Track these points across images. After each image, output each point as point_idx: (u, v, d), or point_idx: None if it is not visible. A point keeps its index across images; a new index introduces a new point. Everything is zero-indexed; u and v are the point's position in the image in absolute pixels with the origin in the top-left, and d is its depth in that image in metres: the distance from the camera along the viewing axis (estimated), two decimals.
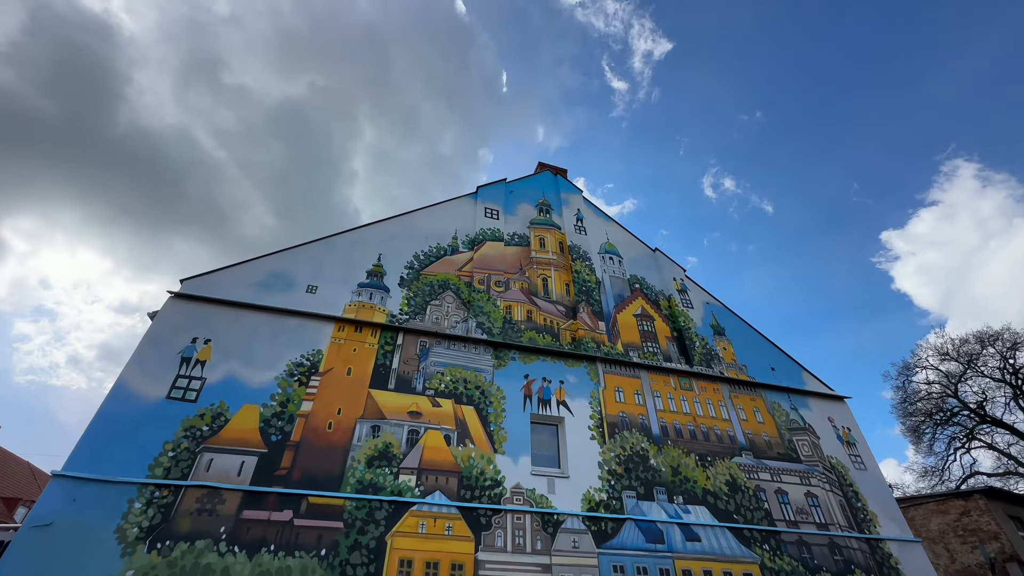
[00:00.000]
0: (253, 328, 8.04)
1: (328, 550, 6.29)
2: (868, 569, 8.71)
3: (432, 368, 8.59)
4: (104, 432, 6.37)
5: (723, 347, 11.55)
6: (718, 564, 7.84)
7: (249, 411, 7.16)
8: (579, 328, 10.35)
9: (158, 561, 5.70)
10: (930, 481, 25.07)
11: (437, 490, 7.22)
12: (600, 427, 8.92)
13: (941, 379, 26.12)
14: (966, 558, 14.88)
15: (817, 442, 10.42)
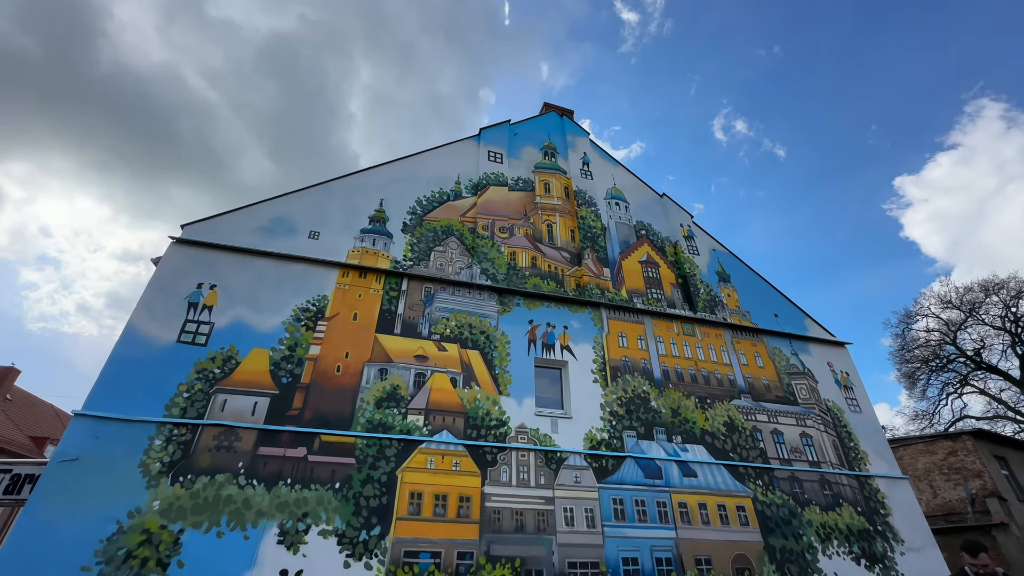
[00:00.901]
0: (258, 274, 8.03)
1: (342, 484, 6.61)
2: (855, 503, 9.16)
3: (437, 314, 8.65)
4: (119, 374, 6.53)
5: (727, 294, 11.55)
6: (713, 498, 8.24)
7: (259, 355, 7.30)
8: (584, 275, 10.31)
9: (182, 493, 6.02)
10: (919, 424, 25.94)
11: (444, 429, 7.48)
12: (603, 371, 9.10)
13: (941, 327, 26.35)
14: (948, 494, 15.63)
15: (815, 386, 10.64)
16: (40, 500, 5.54)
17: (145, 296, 7.25)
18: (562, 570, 6.84)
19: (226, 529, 5.94)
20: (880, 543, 8.78)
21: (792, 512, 8.57)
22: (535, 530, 7.04)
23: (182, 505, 5.95)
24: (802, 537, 8.33)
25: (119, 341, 6.79)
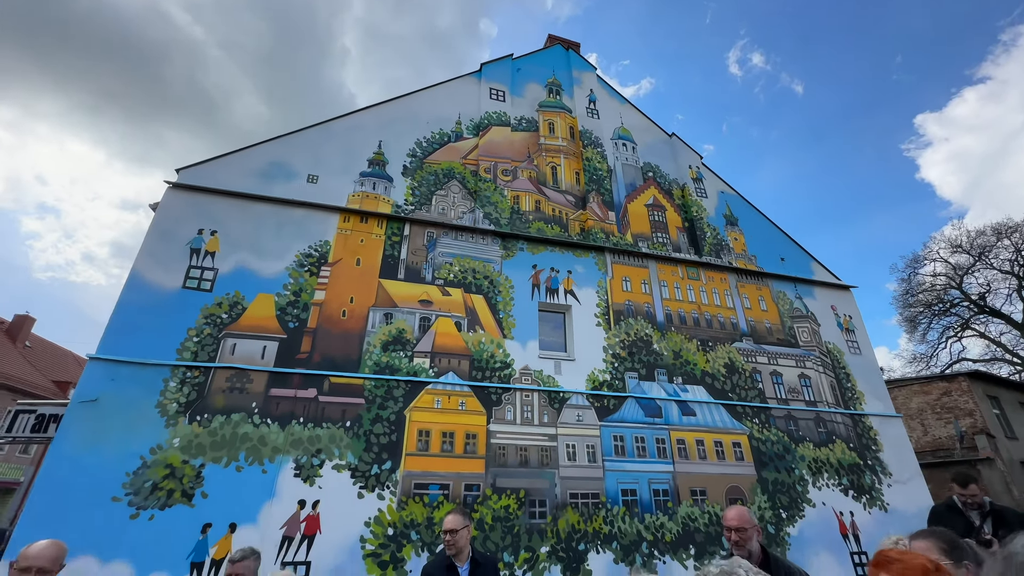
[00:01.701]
0: (258, 219, 7.93)
1: (352, 422, 6.87)
2: (848, 439, 9.49)
3: (440, 259, 8.61)
4: (128, 320, 6.62)
5: (734, 237, 11.38)
6: (710, 435, 8.54)
7: (264, 300, 7.35)
8: (588, 219, 10.13)
9: (200, 431, 6.28)
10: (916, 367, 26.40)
11: (450, 371, 7.65)
12: (606, 315, 9.16)
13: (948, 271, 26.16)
14: (938, 432, 16.17)
15: (817, 329, 10.72)
16: (65, 438, 5.81)
17: (147, 242, 7.21)
18: (564, 500, 7.22)
19: (245, 464, 6.25)
20: (869, 476, 9.18)
21: (786, 448, 8.90)
22: (538, 464, 7.37)
23: (201, 442, 6.23)
24: (794, 471, 8.70)
25: (125, 287, 6.83)
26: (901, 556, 1.27)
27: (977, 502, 3.78)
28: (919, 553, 1.33)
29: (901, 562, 1.25)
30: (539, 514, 7.04)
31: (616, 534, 7.22)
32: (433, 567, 2.86)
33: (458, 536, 2.84)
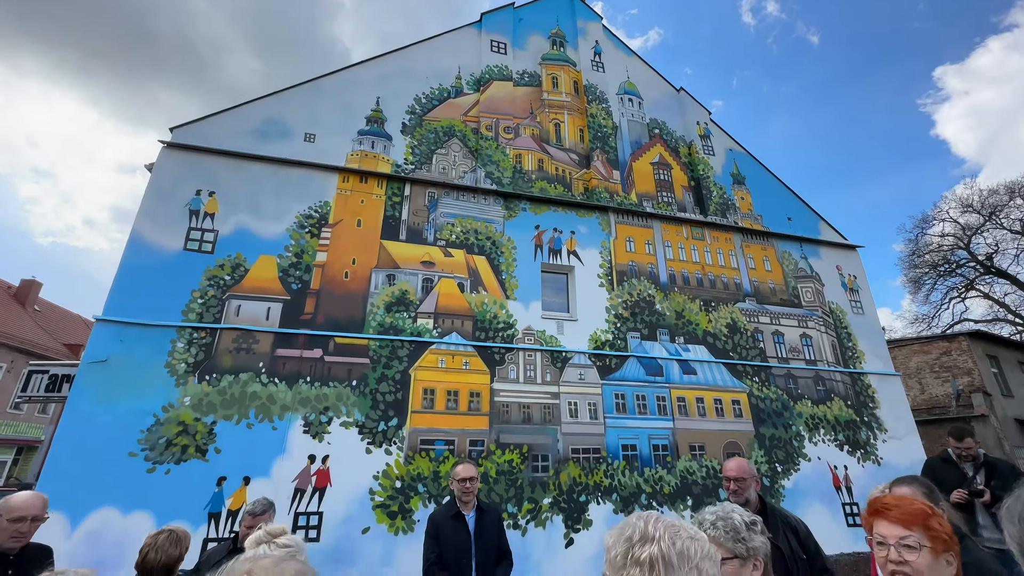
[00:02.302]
0: (256, 179, 7.80)
1: (358, 381, 6.99)
2: (846, 397, 9.64)
3: (442, 219, 8.50)
4: (132, 281, 6.64)
5: (741, 197, 11.17)
6: (710, 393, 8.68)
7: (266, 261, 7.33)
8: (592, 178, 9.92)
9: (209, 390, 6.41)
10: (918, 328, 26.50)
11: (453, 331, 7.71)
12: (609, 275, 9.13)
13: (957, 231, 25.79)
14: (935, 390, 16.41)
15: (821, 289, 10.68)
16: (79, 397, 5.95)
17: (145, 203, 7.13)
18: (566, 455, 7.44)
19: (255, 421, 6.42)
20: (865, 432, 9.39)
21: (784, 405, 9.07)
22: (541, 421, 7.54)
23: (211, 400, 6.37)
24: (791, 427, 8.89)
25: (127, 249, 6.81)
26: (899, 502, 1.28)
27: (971, 455, 3.85)
28: (913, 498, 1.34)
29: (900, 507, 1.26)
30: (542, 468, 7.27)
31: (616, 486, 7.47)
32: (440, 514, 2.97)
33: (475, 483, 2.94)
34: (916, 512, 1.21)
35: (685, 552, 0.89)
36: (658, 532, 0.91)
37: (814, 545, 2.53)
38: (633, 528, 0.94)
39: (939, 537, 1.17)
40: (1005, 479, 3.64)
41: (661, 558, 0.87)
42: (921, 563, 1.15)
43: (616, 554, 0.92)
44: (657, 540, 0.89)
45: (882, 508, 1.28)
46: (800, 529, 2.57)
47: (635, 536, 0.92)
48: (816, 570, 2.45)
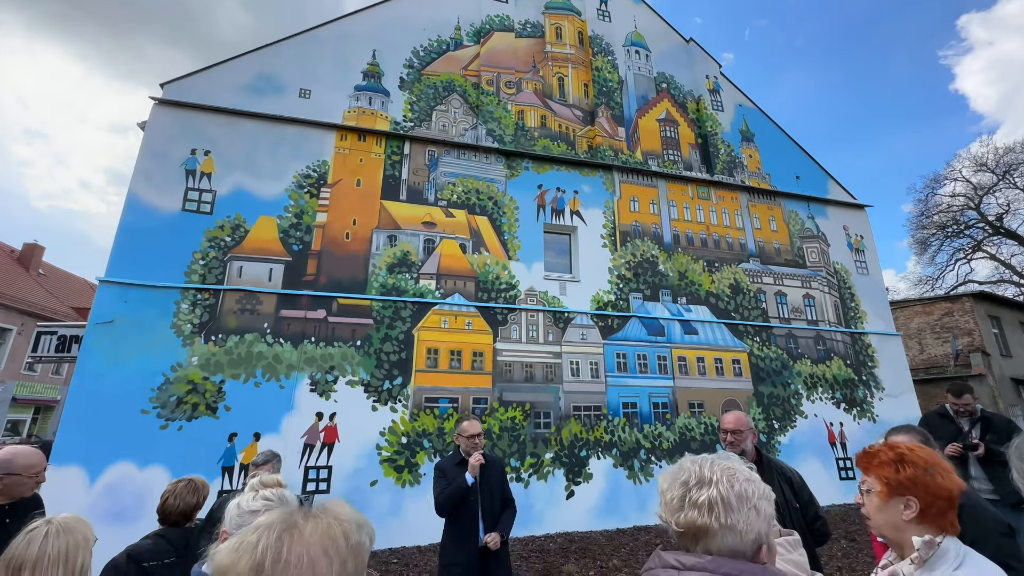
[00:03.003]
0: (251, 138, 7.61)
1: (363, 341, 7.07)
2: (846, 356, 9.73)
3: (443, 179, 8.35)
4: (132, 243, 6.61)
5: (749, 154, 10.88)
6: (711, 352, 8.76)
7: (266, 222, 7.27)
8: (596, 135, 9.65)
9: (216, 350, 6.50)
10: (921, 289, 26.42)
11: (456, 292, 7.72)
12: (612, 236, 9.03)
13: (968, 191, 25.27)
14: (935, 350, 16.53)
15: (826, 249, 10.58)
16: (88, 357, 6.04)
17: (140, 163, 7.00)
18: (567, 412, 7.60)
19: (262, 380, 6.55)
20: (862, 390, 9.53)
21: (784, 364, 9.16)
22: (543, 380, 7.67)
23: (218, 360, 6.47)
24: (790, 385, 9.03)
25: (125, 210, 6.74)
26: (869, 450, 1.32)
27: (969, 410, 3.90)
28: (882, 445, 1.35)
29: (865, 455, 1.31)
30: (544, 424, 7.45)
31: (616, 442, 7.68)
32: (446, 462, 3.06)
33: (480, 439, 3.02)
34: (870, 458, 1.27)
35: (743, 493, 0.91)
36: (716, 475, 0.93)
37: (807, 495, 2.60)
38: (689, 472, 0.95)
39: (890, 482, 1.19)
40: (999, 433, 3.70)
41: (720, 500, 0.89)
42: (869, 506, 1.22)
43: (672, 497, 0.94)
44: (716, 483, 0.91)
45: (863, 455, 1.34)
46: (795, 480, 2.63)
47: (691, 480, 0.94)
48: (808, 518, 2.52)
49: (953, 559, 1.10)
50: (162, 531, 2.12)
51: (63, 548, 1.26)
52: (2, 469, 2.13)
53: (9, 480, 2.13)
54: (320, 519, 0.67)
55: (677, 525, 0.91)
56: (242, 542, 0.65)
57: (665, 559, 0.90)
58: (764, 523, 0.91)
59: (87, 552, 1.33)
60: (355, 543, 0.66)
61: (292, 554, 0.62)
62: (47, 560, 1.23)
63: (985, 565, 1.11)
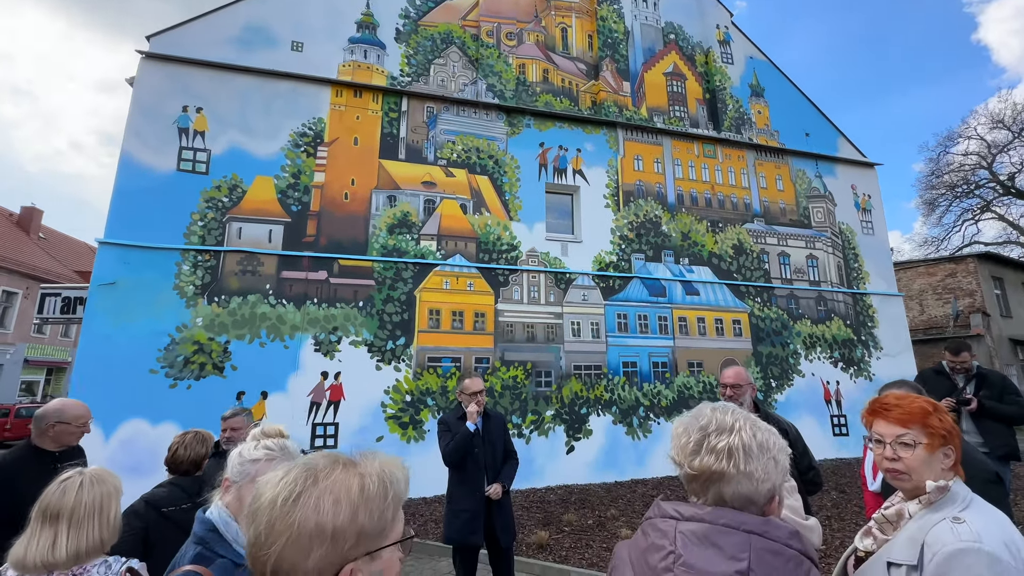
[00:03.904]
0: (243, 94, 7.37)
1: (365, 302, 7.10)
2: (846, 316, 9.77)
3: (442, 137, 8.13)
4: (129, 204, 6.52)
5: (758, 110, 10.53)
6: (711, 313, 8.80)
7: (263, 182, 7.15)
8: (601, 90, 9.31)
9: (220, 311, 6.55)
10: (926, 251, 26.22)
11: (457, 253, 7.69)
12: (615, 196, 8.89)
13: (981, 149, 24.62)
14: (935, 311, 16.59)
15: (833, 209, 10.42)
16: (93, 318, 6.10)
17: (131, 121, 6.81)
18: (568, 372, 7.73)
19: (267, 340, 6.63)
20: (860, 350, 9.63)
21: (784, 324, 9.22)
22: (544, 340, 7.75)
23: (223, 321, 6.53)
24: (789, 345, 9.11)
25: (119, 170, 6.62)
26: (899, 401, 1.28)
27: (965, 367, 3.94)
28: (916, 395, 1.34)
29: (900, 407, 1.26)
30: (545, 383, 7.58)
31: (616, 400, 7.84)
32: (450, 416, 3.14)
33: (483, 396, 3.08)
34: (915, 411, 1.22)
35: (765, 443, 0.91)
36: (738, 423, 0.92)
37: (802, 446, 2.67)
38: (709, 419, 0.94)
39: (937, 433, 1.19)
40: (992, 388, 3.76)
41: (742, 447, 0.88)
42: (914, 460, 1.19)
43: (689, 441, 0.93)
44: (738, 430, 0.91)
45: (882, 408, 1.29)
46: (790, 432, 2.69)
47: (711, 426, 0.92)
48: (802, 468, 2.59)
49: (960, 502, 1.12)
50: (175, 479, 2.20)
51: (97, 498, 1.31)
52: (54, 418, 2.25)
53: (60, 428, 2.26)
54: (348, 468, 0.70)
55: (691, 468, 0.91)
56: (272, 478, 0.69)
57: (664, 509, 0.91)
58: (780, 475, 0.91)
59: (117, 503, 1.38)
60: (372, 494, 0.68)
61: (305, 496, 0.65)
62: (83, 509, 1.27)
63: (990, 509, 1.13)
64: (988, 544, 1.02)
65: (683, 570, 0.81)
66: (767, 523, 0.85)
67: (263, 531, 0.63)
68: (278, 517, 0.63)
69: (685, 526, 0.86)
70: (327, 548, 0.63)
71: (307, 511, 0.63)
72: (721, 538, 0.82)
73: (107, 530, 1.30)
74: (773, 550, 0.81)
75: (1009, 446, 3.69)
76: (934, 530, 1.08)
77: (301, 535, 0.62)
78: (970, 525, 1.05)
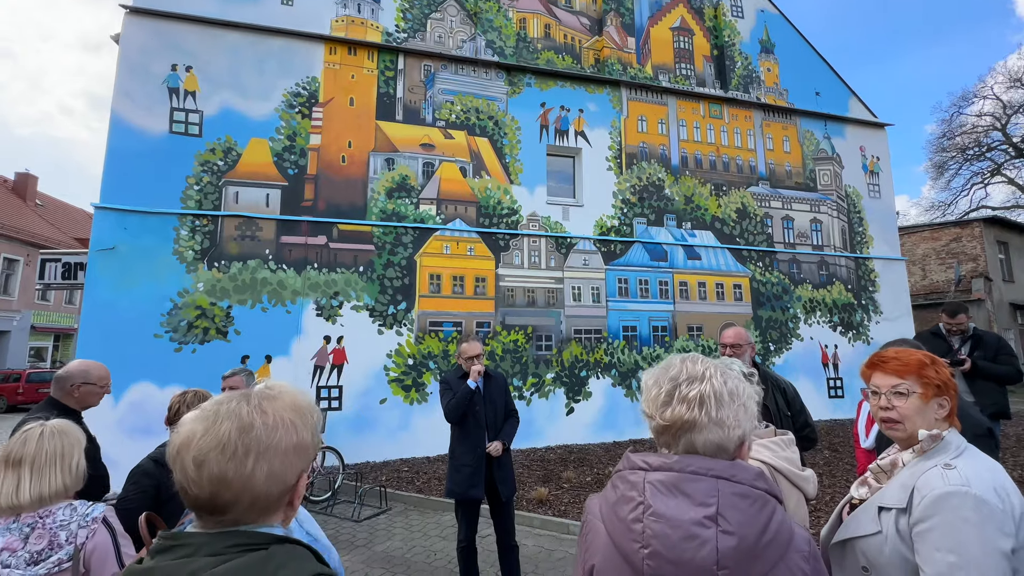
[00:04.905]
0: (234, 51, 7.10)
1: (365, 267, 7.09)
2: (847, 281, 9.75)
3: (440, 97, 7.89)
4: (122, 167, 6.41)
5: (767, 68, 10.16)
6: (713, 277, 8.79)
7: (258, 145, 7.00)
8: (604, 46, 8.96)
9: (220, 276, 6.55)
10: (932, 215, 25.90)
11: (457, 218, 7.61)
12: (618, 158, 8.70)
13: (996, 110, 23.92)
14: (937, 276, 16.54)
15: (840, 171, 10.22)
16: (95, 285, 6.11)
17: (119, 81, 6.60)
18: (568, 336, 7.79)
19: (269, 305, 6.66)
20: (860, 314, 9.66)
21: (785, 289, 9.22)
22: (545, 304, 7.77)
23: (224, 286, 6.54)
24: (789, 310, 9.14)
25: (111, 133, 6.48)
26: (897, 354, 1.28)
27: (961, 329, 3.95)
28: (913, 350, 1.34)
29: (897, 359, 1.26)
30: (545, 347, 7.66)
31: (615, 363, 7.94)
32: (450, 376, 3.18)
33: (482, 359, 3.11)
34: (912, 362, 1.23)
35: (736, 390, 0.90)
36: (708, 371, 0.91)
37: (799, 404, 2.71)
38: (679, 368, 0.93)
39: (931, 383, 1.20)
40: (987, 349, 3.78)
41: (713, 394, 0.88)
42: (907, 408, 1.20)
43: (660, 393, 0.92)
44: (708, 378, 0.90)
45: (879, 361, 1.30)
46: (788, 390, 2.73)
47: (682, 376, 0.92)
48: (798, 425, 2.64)
49: (953, 450, 1.14)
50: None
51: (58, 447, 1.39)
52: (79, 379, 2.32)
53: (85, 389, 2.33)
54: (275, 392, 0.75)
55: (662, 419, 0.89)
56: (201, 416, 0.69)
57: (633, 460, 0.91)
58: (750, 422, 0.91)
59: (81, 452, 1.45)
60: (310, 403, 0.77)
61: (265, 418, 0.69)
62: (44, 457, 1.35)
63: (983, 458, 1.14)
64: (976, 488, 1.03)
65: (652, 520, 0.81)
66: (734, 466, 0.85)
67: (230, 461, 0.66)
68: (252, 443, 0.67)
69: (653, 476, 0.86)
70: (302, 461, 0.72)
71: (279, 431, 0.69)
72: (689, 485, 0.82)
73: (69, 477, 1.38)
74: (741, 493, 0.81)
75: (999, 405, 3.74)
76: (924, 475, 1.10)
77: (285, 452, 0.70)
78: (960, 471, 1.07)
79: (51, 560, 1.26)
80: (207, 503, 0.66)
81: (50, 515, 1.31)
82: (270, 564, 0.63)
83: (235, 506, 0.66)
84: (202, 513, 0.68)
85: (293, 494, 0.73)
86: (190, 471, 0.65)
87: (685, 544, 0.78)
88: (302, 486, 0.74)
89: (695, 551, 0.77)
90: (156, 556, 0.65)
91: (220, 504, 0.66)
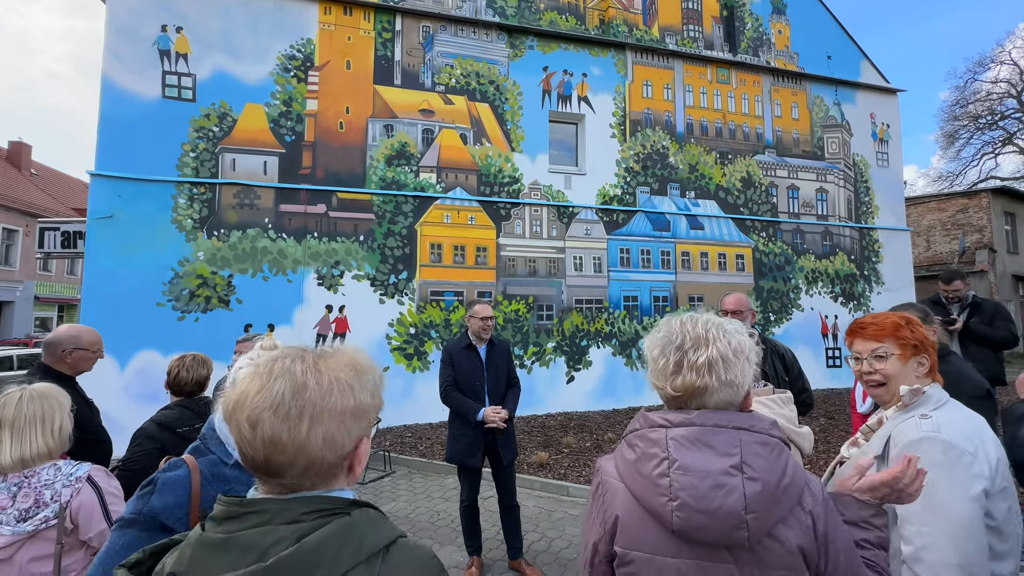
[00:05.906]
0: (225, 11, 6.85)
1: (365, 236, 7.05)
2: (851, 251, 9.69)
3: (440, 60, 7.66)
4: (116, 134, 6.28)
5: (778, 30, 9.80)
6: (715, 247, 8.73)
7: (254, 110, 6.84)
8: (609, 6, 8.62)
9: (220, 245, 6.52)
10: (940, 186, 25.53)
11: (458, 186, 7.51)
12: (622, 125, 8.51)
13: (1013, 76, 23.22)
14: (941, 247, 16.43)
15: (848, 139, 10.00)
16: (94, 252, 6.09)
17: (108, 42, 6.40)
18: (569, 306, 7.81)
19: (270, 274, 6.65)
20: (861, 285, 9.64)
21: (788, 259, 9.17)
22: (546, 274, 7.76)
23: (224, 255, 6.52)
24: (790, 280, 9.12)
25: (102, 98, 6.32)
26: (874, 319, 1.33)
27: (959, 296, 3.94)
28: (888, 313, 1.38)
29: (874, 324, 1.31)
30: (546, 316, 7.70)
31: (616, 333, 7.99)
32: (454, 344, 3.19)
33: (493, 321, 3.11)
34: (888, 325, 1.29)
35: (740, 347, 0.91)
36: (711, 334, 0.91)
37: (797, 370, 2.73)
38: (681, 335, 0.92)
39: (908, 343, 1.24)
40: (984, 315, 3.79)
41: (720, 358, 0.88)
42: (888, 369, 1.25)
43: (668, 363, 0.90)
44: (713, 341, 0.89)
45: (858, 327, 1.37)
46: (787, 356, 2.75)
47: (686, 343, 0.90)
48: (796, 390, 2.66)
49: (933, 403, 1.19)
50: (181, 401, 2.26)
51: (38, 410, 1.41)
52: (70, 344, 2.28)
53: (78, 355, 2.29)
54: (332, 350, 0.73)
55: (673, 389, 0.89)
56: (256, 373, 0.65)
57: (651, 419, 0.91)
58: (752, 373, 0.92)
59: (64, 415, 1.47)
60: (370, 362, 0.74)
61: (319, 377, 0.65)
62: (23, 420, 1.38)
63: (963, 410, 1.19)
64: (946, 433, 1.09)
65: (679, 473, 0.83)
66: (752, 417, 0.88)
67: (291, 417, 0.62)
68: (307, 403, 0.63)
69: (675, 431, 0.87)
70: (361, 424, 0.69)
71: (334, 392, 0.65)
72: (712, 438, 0.84)
73: (52, 439, 1.41)
74: (760, 441, 0.85)
75: (993, 371, 3.77)
76: (901, 425, 1.17)
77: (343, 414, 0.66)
78: (935, 420, 1.13)
79: (38, 517, 1.32)
80: (263, 465, 0.63)
81: (35, 475, 1.36)
82: (357, 530, 0.61)
83: (290, 469, 0.62)
84: (261, 475, 0.65)
85: (353, 458, 0.68)
86: (245, 431, 0.62)
87: (713, 493, 0.81)
88: (363, 451, 0.69)
89: (724, 498, 0.80)
90: (223, 523, 0.61)
91: (275, 466, 0.62)
